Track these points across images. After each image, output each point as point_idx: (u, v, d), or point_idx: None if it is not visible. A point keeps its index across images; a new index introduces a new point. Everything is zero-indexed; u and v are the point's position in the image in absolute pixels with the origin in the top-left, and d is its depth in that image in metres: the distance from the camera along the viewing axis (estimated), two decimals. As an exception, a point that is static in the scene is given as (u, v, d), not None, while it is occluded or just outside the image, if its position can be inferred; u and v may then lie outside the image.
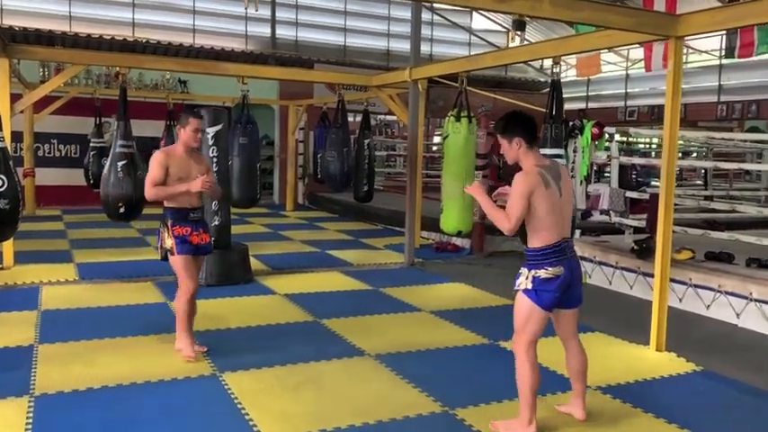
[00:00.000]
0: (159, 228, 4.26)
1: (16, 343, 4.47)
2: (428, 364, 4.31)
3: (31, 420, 3.27)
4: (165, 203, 4.24)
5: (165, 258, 4.29)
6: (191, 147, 4.28)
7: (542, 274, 3.14)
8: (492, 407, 3.63)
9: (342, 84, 8.92)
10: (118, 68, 7.18)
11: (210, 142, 6.48)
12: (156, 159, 4.14)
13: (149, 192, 4.15)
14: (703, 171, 10.78)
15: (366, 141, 9.25)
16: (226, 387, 3.81)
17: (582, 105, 16.62)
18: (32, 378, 3.82)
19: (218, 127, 6.49)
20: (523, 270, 3.23)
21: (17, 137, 11.17)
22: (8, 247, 6.69)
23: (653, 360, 4.56)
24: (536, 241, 3.17)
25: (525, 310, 3.20)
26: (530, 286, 3.17)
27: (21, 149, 11.45)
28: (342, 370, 4.14)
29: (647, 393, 3.93)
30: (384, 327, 5.17)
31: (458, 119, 6.91)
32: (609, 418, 3.54)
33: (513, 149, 3.23)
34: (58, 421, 3.30)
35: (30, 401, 3.50)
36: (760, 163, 10.70)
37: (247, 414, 3.43)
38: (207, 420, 3.38)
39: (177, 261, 4.18)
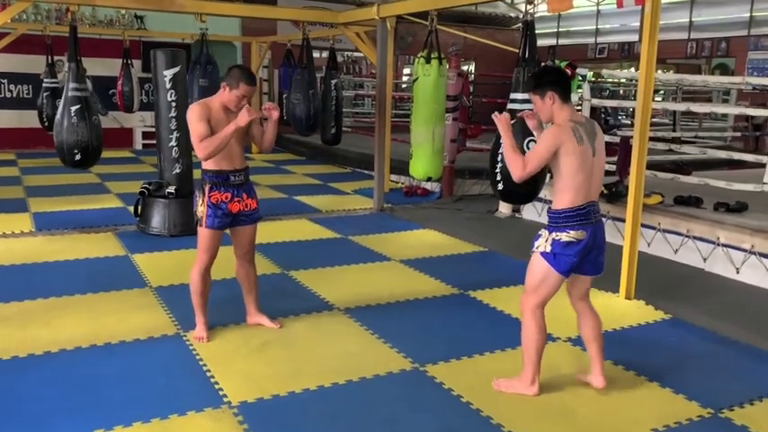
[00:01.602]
0: (196, 192, 3.78)
1: (-32, 303, 4.27)
2: (398, 318, 4.25)
3: (-16, 389, 3.13)
4: (203, 165, 3.65)
5: (196, 225, 3.76)
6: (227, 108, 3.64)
7: (563, 237, 3.00)
8: (463, 362, 3.59)
9: (307, 21, 8.54)
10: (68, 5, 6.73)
11: (168, 86, 6.15)
12: (195, 113, 3.53)
13: (200, 148, 3.48)
14: (672, 111, 10.76)
15: (333, 82, 8.96)
16: (190, 347, 3.70)
17: (552, 42, 16.37)
18: (-15, 342, 3.66)
19: (176, 69, 6.16)
20: (543, 232, 3.09)
21: (-37, 77, 10.63)
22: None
23: (622, 308, 4.57)
24: (560, 202, 3.02)
25: (541, 272, 3.09)
26: (548, 249, 3.04)
27: (-32, 91, 10.91)
28: (310, 327, 4.05)
29: (616, 344, 3.93)
30: (353, 278, 5.09)
31: (428, 60, 6.67)
32: (576, 370, 3.52)
33: (546, 105, 3.05)
34: (14, 387, 3.16)
35: (-17, 368, 3.35)
36: (727, 102, 10.71)
37: (213, 377, 3.34)
38: (170, 384, 3.28)
39: (201, 234, 3.69)
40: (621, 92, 15.72)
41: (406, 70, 16.39)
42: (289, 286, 4.84)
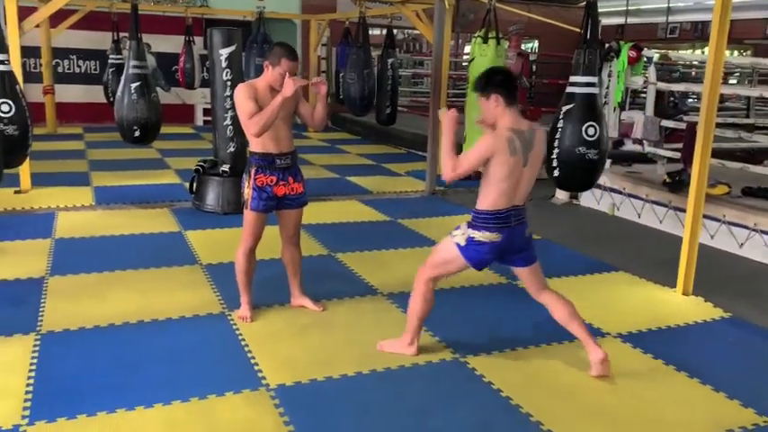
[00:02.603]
0: (243, 175, 3.78)
1: (28, 274, 4.44)
2: (442, 306, 4.12)
3: (35, 360, 3.24)
4: (251, 148, 3.69)
5: (242, 208, 3.81)
6: (273, 88, 3.61)
7: (477, 236, 3.12)
8: (506, 356, 3.51)
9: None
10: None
11: (224, 65, 6.20)
12: (242, 92, 3.52)
13: (250, 125, 3.49)
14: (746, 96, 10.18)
15: (390, 61, 8.84)
16: (234, 327, 3.74)
17: (620, 21, 15.72)
18: (40, 314, 3.79)
19: (232, 48, 6.19)
20: (462, 225, 3.21)
21: (35, 52, 11.02)
22: (25, 169, 6.63)
23: (678, 305, 4.37)
24: (483, 203, 3.12)
25: (449, 255, 3.23)
26: (462, 243, 3.17)
27: (40, 66, 11.31)
28: (352, 311, 4.03)
29: (670, 343, 3.77)
30: (399, 263, 5.04)
31: (485, 40, 6.51)
32: (626, 371, 3.39)
33: (490, 107, 3.09)
34: (62, 362, 3.26)
35: (36, 339, 3.47)
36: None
37: (253, 358, 3.36)
38: (211, 363, 3.32)
39: (246, 215, 3.71)
40: (693, 74, 15.03)
41: (467, 48, 16.09)
42: (333, 268, 4.84)
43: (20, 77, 5.71)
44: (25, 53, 7.01)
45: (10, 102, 5.07)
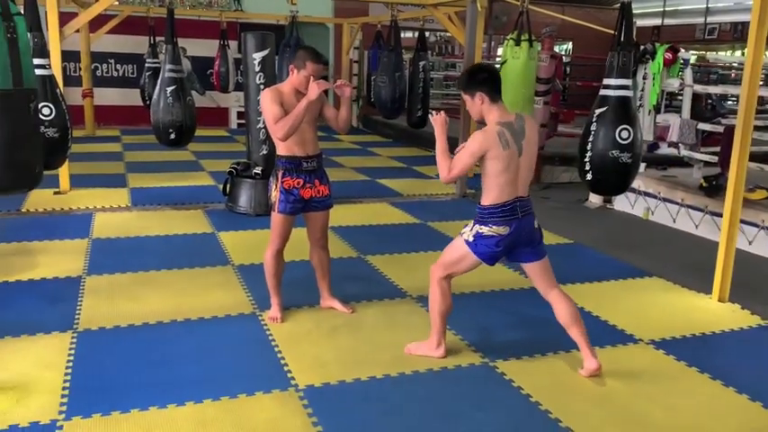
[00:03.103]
0: (270, 178, 3.85)
1: (66, 273, 4.55)
2: (472, 310, 4.16)
3: (72, 357, 3.33)
4: (277, 151, 3.73)
5: (269, 210, 3.88)
6: (300, 92, 3.63)
7: (485, 231, 3.15)
8: (536, 361, 3.48)
9: (396, 3, 8.46)
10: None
11: (257, 68, 6.28)
12: (268, 97, 3.56)
13: (276, 129, 3.52)
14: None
15: (421, 63, 8.85)
16: (264, 327, 3.79)
17: (657, 22, 15.45)
18: (77, 312, 3.88)
19: (265, 52, 6.26)
20: (470, 223, 3.25)
21: (75, 56, 11.30)
22: (64, 170, 6.79)
23: (714, 312, 4.28)
24: (486, 199, 3.16)
25: (459, 253, 3.27)
26: (470, 239, 3.20)
27: (79, 70, 11.59)
28: (381, 313, 4.05)
29: (705, 350, 3.70)
30: (428, 265, 4.96)
31: (517, 42, 6.46)
32: (659, 377, 3.34)
33: (476, 104, 3.13)
34: (98, 359, 3.34)
35: (73, 337, 3.56)
36: None
37: (283, 359, 3.40)
38: (242, 363, 3.37)
39: (275, 219, 3.76)
40: (733, 76, 14.70)
41: (500, 51, 15.99)
42: (363, 271, 4.86)
43: (60, 81, 5.87)
44: (65, 57, 7.20)
45: (51, 105, 5.20)
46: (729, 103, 11.11)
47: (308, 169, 3.74)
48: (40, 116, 5.04)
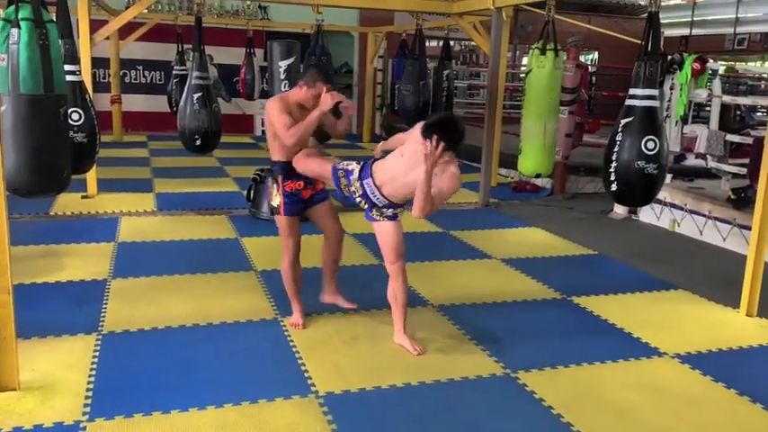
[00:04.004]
0: (267, 182, 3.93)
1: (92, 276, 4.62)
2: (494, 320, 4.14)
3: (96, 359, 3.37)
4: (274, 157, 3.83)
5: (272, 214, 4.04)
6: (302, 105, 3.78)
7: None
8: (558, 372, 3.44)
9: (420, 12, 8.48)
10: (195, -4, 7.08)
11: (282, 76, 6.33)
12: (276, 107, 3.67)
13: (288, 136, 3.61)
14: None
15: (445, 72, 8.87)
16: (285, 333, 3.80)
17: (685, 32, 15.27)
18: (102, 315, 3.94)
19: (290, 60, 6.32)
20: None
21: (104, 63, 11.50)
22: (92, 175, 6.90)
23: (741, 326, 4.20)
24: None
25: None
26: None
27: (108, 76, 11.79)
28: (403, 321, 4.03)
29: (731, 366, 3.63)
30: (451, 274, 5.02)
31: (543, 52, 6.43)
32: (684, 392, 3.28)
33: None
34: (121, 362, 3.37)
35: (97, 339, 3.60)
36: None
37: (303, 365, 3.40)
38: (263, 369, 3.38)
39: (282, 221, 3.85)
40: (763, 86, 14.47)
41: (525, 60, 15.93)
42: (385, 278, 4.83)
43: (89, 87, 5.97)
44: (95, 64, 7.32)
45: (80, 110, 5.28)
46: (759, 114, 10.94)
47: None
48: (70, 121, 5.12)
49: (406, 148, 3.47)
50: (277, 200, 3.81)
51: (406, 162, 3.43)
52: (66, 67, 4.85)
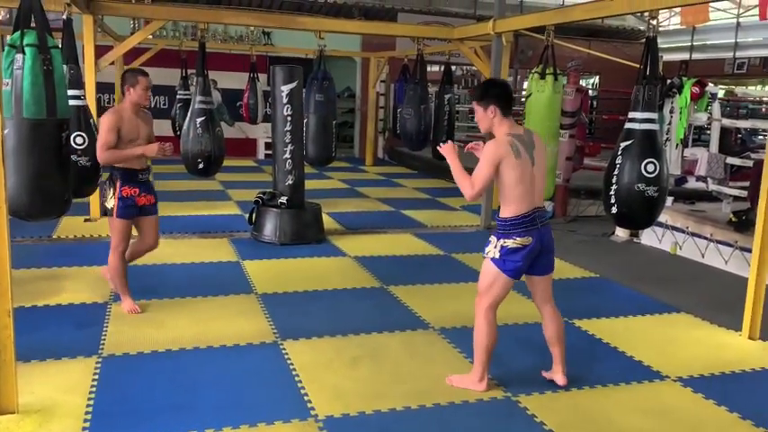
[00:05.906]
0: (105, 185, 4.24)
1: (93, 299, 4.62)
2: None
3: (96, 382, 3.36)
4: (116, 164, 4.22)
5: (104, 215, 4.36)
6: (141, 106, 4.26)
7: (510, 243, 3.20)
8: (559, 396, 3.42)
9: (421, 38, 8.57)
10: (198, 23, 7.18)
11: (285, 100, 6.40)
12: (107, 123, 4.09)
13: (103, 156, 4.10)
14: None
15: (447, 97, 8.94)
16: (285, 356, 3.78)
17: (685, 56, 15.42)
18: (102, 338, 3.93)
19: (293, 84, 6.39)
20: (492, 238, 3.30)
21: (109, 88, 11.60)
22: (95, 199, 6.92)
23: (744, 349, 4.18)
24: (506, 211, 3.21)
25: (491, 275, 3.29)
26: (497, 255, 3.24)
27: (113, 101, 11.89)
28: (402, 344, 4.02)
29: (734, 389, 3.60)
30: (452, 297, 5.01)
31: (542, 76, 6.49)
32: (687, 415, 3.26)
33: (487, 116, 3.23)
34: (121, 384, 3.36)
35: (97, 362, 3.60)
36: None
37: (303, 388, 3.39)
38: (262, 391, 3.36)
39: (116, 224, 4.23)
40: (763, 110, 14.54)
41: (526, 84, 16.05)
42: (386, 301, 4.84)
43: (94, 112, 6.03)
44: (100, 89, 7.39)
45: (84, 134, 5.34)
46: (759, 137, 10.98)
47: (142, 180, 4.30)
48: (74, 145, 5.18)
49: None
50: (111, 202, 4.12)
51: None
52: (71, 92, 4.92)
